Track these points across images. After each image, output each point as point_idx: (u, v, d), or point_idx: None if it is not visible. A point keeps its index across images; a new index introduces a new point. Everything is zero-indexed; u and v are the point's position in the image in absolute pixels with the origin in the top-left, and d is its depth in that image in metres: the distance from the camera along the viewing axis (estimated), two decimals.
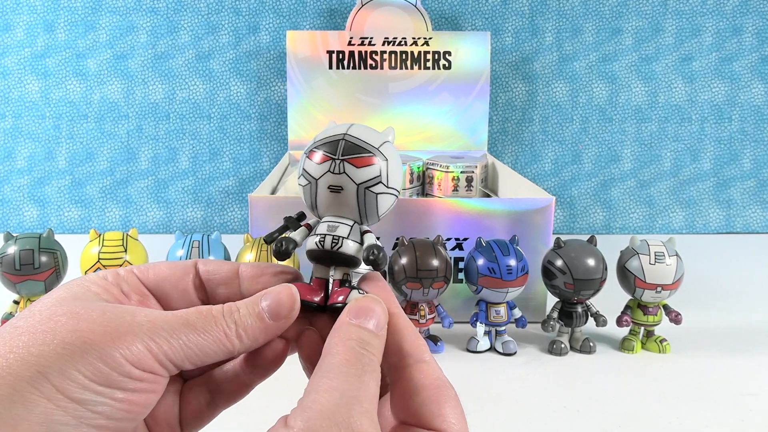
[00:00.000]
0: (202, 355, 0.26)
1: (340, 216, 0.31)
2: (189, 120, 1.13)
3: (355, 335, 0.27)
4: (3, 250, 0.61)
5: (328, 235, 0.31)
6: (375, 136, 0.31)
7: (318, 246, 0.31)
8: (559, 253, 0.65)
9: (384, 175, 0.31)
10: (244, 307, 0.28)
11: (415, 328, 0.30)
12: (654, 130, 1.16)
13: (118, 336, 0.25)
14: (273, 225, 0.69)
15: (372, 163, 0.30)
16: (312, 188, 0.31)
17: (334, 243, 0.31)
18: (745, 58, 1.14)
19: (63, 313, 0.25)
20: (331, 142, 0.30)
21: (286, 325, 0.29)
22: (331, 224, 0.31)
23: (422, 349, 0.29)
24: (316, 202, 0.31)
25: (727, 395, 0.57)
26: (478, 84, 1.07)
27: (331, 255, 0.31)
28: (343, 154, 0.30)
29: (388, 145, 0.31)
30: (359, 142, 0.30)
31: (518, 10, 1.13)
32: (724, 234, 1.17)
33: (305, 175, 0.31)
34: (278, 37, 1.12)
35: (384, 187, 0.31)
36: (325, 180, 0.30)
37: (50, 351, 0.24)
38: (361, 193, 0.30)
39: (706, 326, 0.73)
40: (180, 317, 0.27)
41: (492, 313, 0.66)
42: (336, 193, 0.30)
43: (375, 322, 0.28)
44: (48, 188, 1.13)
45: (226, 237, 0.66)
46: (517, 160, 1.16)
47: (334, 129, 0.31)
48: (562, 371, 0.62)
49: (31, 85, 1.11)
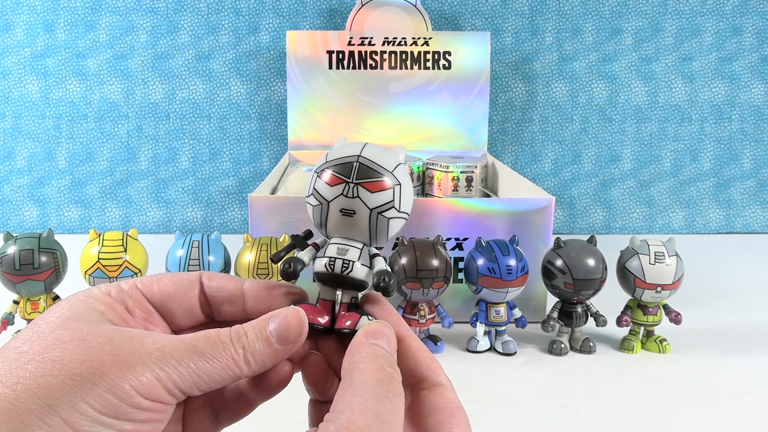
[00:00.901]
0: (211, 381, 0.26)
1: (350, 238, 0.31)
2: (189, 120, 1.13)
3: (382, 353, 0.27)
4: (3, 250, 0.61)
5: (338, 258, 0.30)
6: (389, 159, 0.31)
7: (327, 269, 0.30)
8: (559, 253, 0.65)
9: (397, 199, 0.30)
10: (251, 331, 0.28)
11: (429, 351, 0.30)
12: (654, 130, 1.16)
13: (127, 366, 0.24)
14: (273, 225, 0.69)
15: (386, 188, 0.30)
16: (323, 209, 0.30)
17: (345, 267, 0.30)
18: (745, 58, 1.14)
19: (69, 338, 0.25)
20: (344, 164, 0.30)
21: (294, 349, 0.28)
22: (340, 247, 0.31)
23: (438, 372, 0.29)
24: (326, 223, 0.30)
25: (727, 395, 0.57)
26: (478, 84, 1.07)
27: (341, 279, 0.30)
28: (357, 177, 0.29)
29: (401, 168, 0.31)
30: (374, 165, 0.30)
31: (518, 10, 1.13)
32: (724, 234, 1.17)
33: (316, 195, 0.30)
34: (278, 37, 1.12)
35: (396, 212, 0.30)
36: (337, 203, 0.30)
37: (58, 382, 0.23)
38: (373, 217, 0.30)
39: (706, 326, 0.73)
40: (188, 344, 0.26)
41: (492, 313, 0.66)
42: (348, 217, 0.30)
43: (388, 343, 0.28)
44: (48, 188, 1.13)
45: (226, 237, 0.66)
46: (517, 160, 1.16)
47: (346, 148, 0.31)
48: (562, 371, 0.62)
49: (31, 85, 1.11)
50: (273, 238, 0.64)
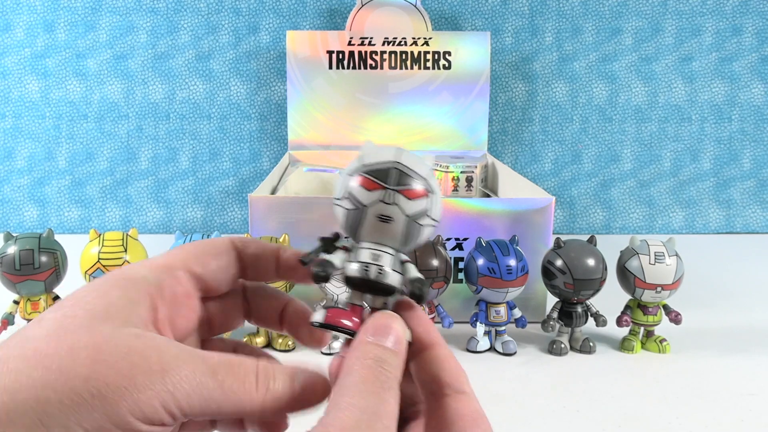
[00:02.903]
0: (217, 412, 0.25)
1: (382, 244, 0.31)
2: (189, 120, 1.13)
3: (372, 354, 0.27)
4: (3, 250, 0.61)
5: (372, 264, 0.30)
6: (423, 166, 0.31)
7: (362, 274, 0.31)
8: (559, 253, 0.65)
9: (431, 207, 0.30)
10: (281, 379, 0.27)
11: (456, 359, 0.30)
12: (654, 130, 1.16)
13: (135, 389, 0.24)
14: (273, 225, 0.69)
15: (423, 196, 0.30)
16: (358, 214, 0.30)
17: (379, 273, 0.30)
18: (745, 58, 1.14)
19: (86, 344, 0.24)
20: (382, 170, 0.30)
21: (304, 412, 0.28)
22: (374, 252, 0.30)
23: (462, 380, 0.29)
24: (359, 228, 0.31)
25: (727, 395, 0.57)
26: (478, 84, 1.07)
27: (374, 284, 0.31)
28: (397, 184, 0.30)
29: (433, 176, 0.31)
30: (411, 172, 0.30)
31: (518, 10, 1.13)
32: (724, 234, 1.17)
33: (352, 199, 0.30)
34: (278, 37, 1.12)
35: (429, 220, 0.31)
36: (375, 209, 0.30)
37: (57, 400, 0.23)
38: (408, 224, 0.30)
39: (706, 326, 0.73)
40: (209, 367, 0.25)
41: (492, 313, 0.66)
42: (384, 223, 0.30)
43: (393, 338, 0.28)
44: (48, 188, 1.13)
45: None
46: (517, 160, 1.16)
47: (379, 153, 0.31)
48: (562, 371, 0.62)
49: (31, 85, 1.11)
50: (273, 238, 0.64)
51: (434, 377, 0.29)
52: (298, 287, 0.66)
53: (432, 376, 0.29)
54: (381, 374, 0.27)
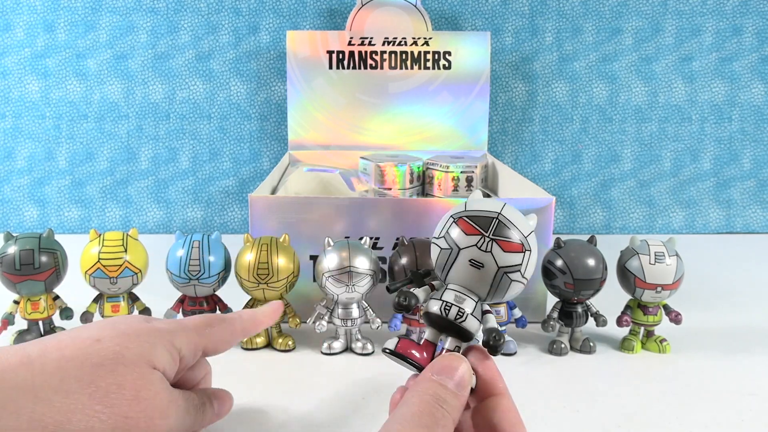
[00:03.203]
0: None
1: (469, 289, 0.31)
2: (189, 120, 1.13)
3: (433, 391, 0.28)
4: (3, 250, 0.61)
5: (454, 305, 0.31)
6: (525, 223, 0.31)
7: (442, 313, 0.31)
8: (559, 253, 0.65)
9: (524, 264, 0.31)
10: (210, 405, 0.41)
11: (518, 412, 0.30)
12: (654, 130, 1.16)
13: None
14: (273, 225, 0.69)
15: (519, 251, 0.30)
16: (451, 255, 0.30)
17: (459, 315, 0.30)
18: (745, 58, 1.14)
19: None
20: (484, 217, 0.30)
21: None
22: (458, 295, 0.31)
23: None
24: (449, 269, 0.31)
25: (727, 395, 0.57)
26: (478, 84, 1.07)
27: (451, 325, 0.31)
28: (495, 234, 0.30)
29: (533, 236, 0.31)
30: (512, 226, 0.30)
31: (518, 10, 1.13)
32: (724, 234, 1.17)
33: (448, 239, 0.31)
34: (278, 37, 1.12)
35: (520, 276, 0.31)
36: (468, 252, 0.30)
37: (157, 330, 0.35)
38: (499, 275, 0.30)
39: (706, 326, 0.73)
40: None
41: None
42: (475, 269, 0.30)
43: (457, 381, 0.28)
44: (48, 188, 1.13)
45: (226, 237, 0.66)
46: (517, 160, 1.16)
47: (485, 203, 0.31)
48: (562, 371, 0.62)
49: (31, 85, 1.11)
50: (273, 238, 0.64)
51: (492, 425, 0.29)
52: (299, 285, 0.66)
53: (489, 424, 0.29)
54: (437, 411, 0.27)
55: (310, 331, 0.67)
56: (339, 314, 0.64)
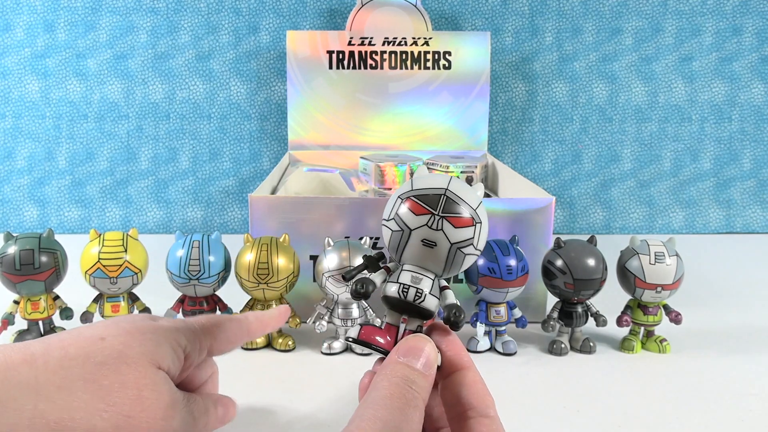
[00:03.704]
0: None
1: (424, 268, 0.31)
2: (189, 120, 1.13)
3: (401, 373, 0.28)
4: (3, 250, 0.61)
5: (411, 286, 0.31)
6: (473, 195, 0.31)
7: (400, 296, 0.31)
8: (559, 253, 0.65)
9: (476, 237, 0.31)
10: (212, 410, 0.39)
11: (483, 382, 0.31)
12: (654, 130, 1.16)
13: None
14: (273, 225, 0.69)
15: (469, 225, 0.30)
16: (403, 236, 0.30)
17: (417, 296, 0.30)
18: (745, 58, 1.14)
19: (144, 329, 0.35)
20: (431, 195, 0.30)
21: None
22: (414, 276, 0.31)
23: (488, 405, 0.30)
24: (403, 251, 0.31)
25: (727, 395, 0.57)
26: (478, 84, 1.07)
27: (411, 306, 0.31)
28: (444, 211, 0.30)
29: (482, 207, 0.31)
30: (460, 201, 0.30)
31: (518, 10, 1.13)
32: (724, 234, 1.17)
33: (398, 221, 0.30)
34: (278, 37, 1.12)
35: (473, 249, 0.31)
36: (420, 233, 0.30)
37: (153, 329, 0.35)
38: (452, 252, 0.30)
39: (706, 326, 0.73)
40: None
41: (492, 313, 0.66)
42: (428, 248, 0.30)
43: (423, 361, 0.29)
44: (48, 188, 1.13)
45: (226, 237, 0.66)
46: (517, 160, 1.16)
47: (432, 180, 0.31)
48: (562, 371, 0.62)
49: (31, 85, 1.11)
50: (273, 238, 0.64)
51: (460, 399, 0.29)
52: (299, 285, 0.66)
53: (458, 398, 0.29)
54: (407, 392, 0.27)
55: (310, 331, 0.67)
56: (339, 314, 0.64)
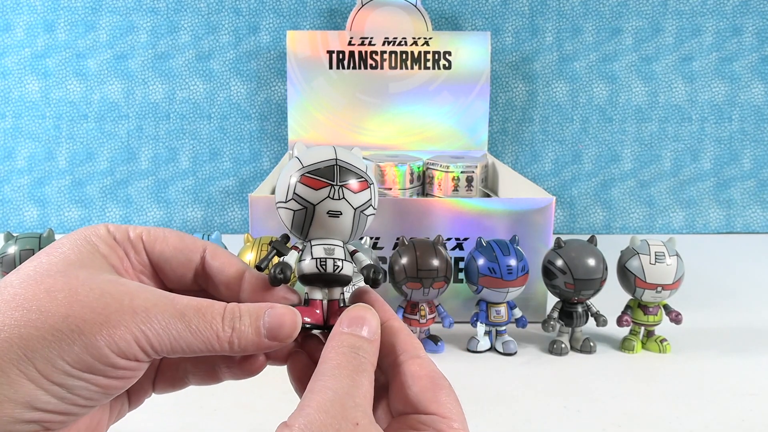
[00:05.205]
0: (188, 350, 0.27)
1: (332, 238, 0.32)
2: (189, 120, 1.13)
3: (348, 342, 0.28)
4: (3, 250, 0.61)
5: (328, 258, 0.31)
6: (358, 158, 0.33)
7: (319, 269, 0.31)
8: (560, 253, 0.65)
9: (373, 197, 0.32)
10: (246, 317, 0.28)
11: (409, 330, 0.32)
12: (654, 130, 1.16)
13: (109, 325, 0.25)
14: (273, 225, 0.69)
15: (366, 188, 0.31)
16: (308, 213, 0.31)
17: (336, 267, 0.31)
18: (745, 58, 1.14)
19: (62, 288, 0.26)
20: (326, 168, 0.31)
21: (278, 347, 0.29)
22: (326, 248, 0.32)
23: (416, 346, 0.31)
24: (309, 227, 0.31)
25: (727, 395, 0.57)
26: (478, 84, 1.07)
27: (332, 277, 0.31)
28: (341, 180, 0.31)
29: (369, 168, 0.33)
30: (352, 167, 0.31)
31: (518, 10, 1.13)
32: (724, 234, 1.17)
33: (299, 200, 0.31)
34: (278, 37, 1.12)
35: (372, 209, 0.32)
36: (324, 205, 0.31)
37: (39, 336, 0.24)
38: (357, 216, 0.31)
39: (706, 326, 0.73)
40: (177, 310, 0.27)
41: (492, 313, 0.66)
42: (335, 218, 0.31)
43: (367, 328, 0.29)
44: (48, 188, 1.13)
45: (226, 237, 0.66)
46: (517, 160, 1.16)
47: (316, 153, 0.32)
48: (562, 371, 0.62)
49: (31, 85, 1.11)
50: (273, 238, 0.64)
51: (390, 347, 0.30)
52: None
53: (388, 347, 0.30)
54: (355, 359, 0.28)
55: None
56: None
